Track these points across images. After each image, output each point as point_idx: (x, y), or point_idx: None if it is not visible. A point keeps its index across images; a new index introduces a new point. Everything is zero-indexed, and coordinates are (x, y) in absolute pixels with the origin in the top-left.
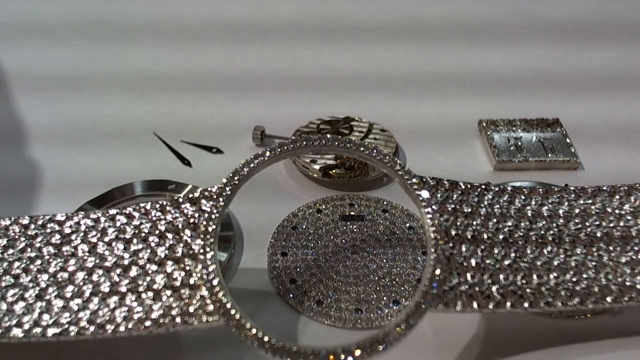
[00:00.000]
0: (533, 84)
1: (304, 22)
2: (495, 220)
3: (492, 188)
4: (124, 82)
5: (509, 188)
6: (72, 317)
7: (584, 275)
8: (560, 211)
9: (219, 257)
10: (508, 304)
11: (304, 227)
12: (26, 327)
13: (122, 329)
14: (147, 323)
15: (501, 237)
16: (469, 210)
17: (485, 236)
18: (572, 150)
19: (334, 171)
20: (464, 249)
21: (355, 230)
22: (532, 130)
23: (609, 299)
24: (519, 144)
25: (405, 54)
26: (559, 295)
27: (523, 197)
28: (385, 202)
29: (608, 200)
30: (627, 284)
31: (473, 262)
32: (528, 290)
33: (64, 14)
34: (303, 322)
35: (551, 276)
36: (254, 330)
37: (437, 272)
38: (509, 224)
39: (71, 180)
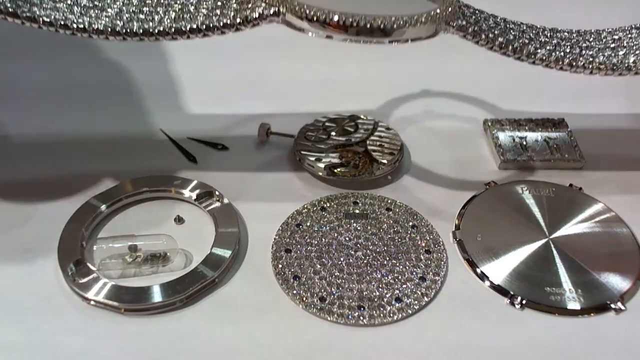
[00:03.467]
0: (538, 84)
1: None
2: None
3: None
4: (131, 80)
5: None
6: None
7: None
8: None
9: (223, 254)
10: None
11: (308, 224)
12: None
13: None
14: None
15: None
16: None
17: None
18: (577, 150)
19: (339, 170)
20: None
21: (359, 228)
22: (538, 130)
23: None
24: (524, 143)
25: (410, 52)
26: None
27: None
28: (389, 201)
29: None
30: None
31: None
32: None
33: None
34: (306, 318)
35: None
36: None
37: None
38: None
39: (76, 174)
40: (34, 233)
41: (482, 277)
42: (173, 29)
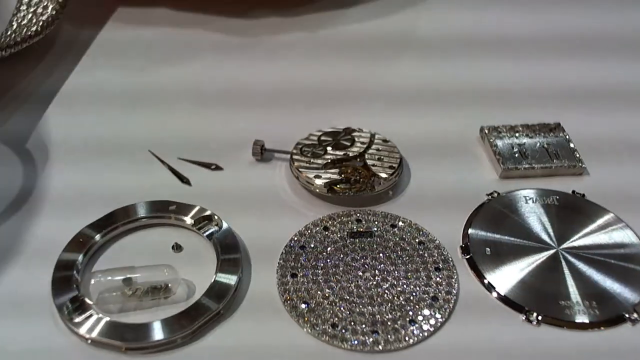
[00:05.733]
0: (534, 93)
1: (303, 33)
2: None
3: None
4: (118, 97)
5: None
6: None
7: None
8: None
9: (228, 280)
10: None
11: (312, 246)
12: None
13: None
14: None
15: None
16: None
17: None
18: (577, 156)
19: (338, 186)
20: None
21: (365, 247)
22: (535, 136)
23: None
24: (524, 150)
25: (405, 63)
26: None
27: None
28: (393, 217)
29: None
30: None
31: None
32: None
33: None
34: (318, 346)
35: None
36: None
37: None
38: None
39: (66, 200)
40: (25, 269)
41: (495, 292)
42: None
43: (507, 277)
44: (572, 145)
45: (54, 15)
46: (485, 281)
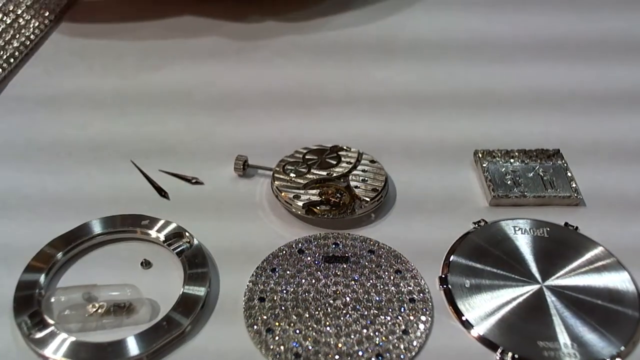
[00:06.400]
0: (532, 106)
1: (291, 43)
2: None
3: None
4: (103, 103)
5: None
6: None
7: None
8: None
9: (197, 291)
10: None
11: (284, 268)
12: None
13: None
14: None
15: None
16: None
17: None
18: (573, 186)
19: (318, 208)
20: None
21: (338, 273)
22: (531, 162)
23: None
24: (517, 177)
25: (399, 77)
26: None
27: None
28: (371, 242)
29: None
30: None
31: None
32: None
33: None
34: None
35: None
36: None
37: None
38: None
39: (37, 207)
40: None
41: (470, 328)
42: None
43: (485, 312)
44: (569, 174)
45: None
46: (463, 318)
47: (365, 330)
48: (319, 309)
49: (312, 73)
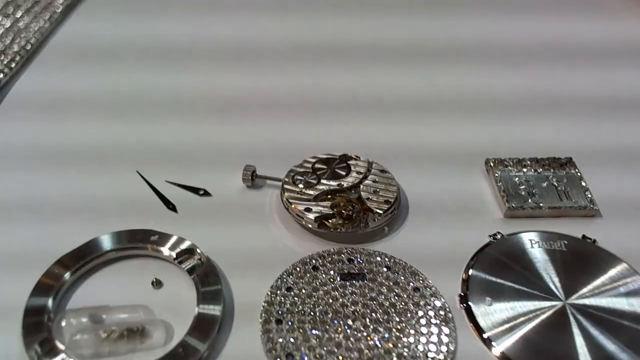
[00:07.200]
0: (542, 113)
1: (297, 49)
2: None
3: None
4: (107, 108)
5: None
6: None
7: None
8: None
9: (212, 311)
10: None
11: (300, 287)
12: None
13: None
14: None
15: None
16: None
17: None
18: (589, 196)
19: (330, 221)
20: None
21: (356, 291)
22: (544, 171)
23: None
24: (531, 187)
25: (408, 82)
26: None
27: None
28: (387, 258)
29: None
30: None
31: None
32: None
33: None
34: None
35: None
36: None
37: None
38: None
39: (41, 215)
40: None
41: (492, 346)
42: None
43: (507, 330)
44: (583, 183)
45: None
46: (485, 335)
47: (387, 355)
48: (339, 330)
49: (319, 79)
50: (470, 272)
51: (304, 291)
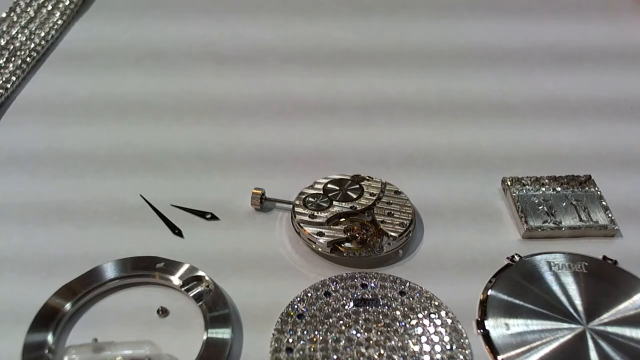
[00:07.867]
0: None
1: (307, 64)
2: None
3: None
4: (105, 121)
5: None
6: None
7: None
8: None
9: (221, 335)
10: None
11: (312, 314)
12: None
13: None
14: None
15: None
16: None
17: None
18: (609, 215)
19: (343, 246)
20: None
21: (369, 318)
22: (563, 190)
23: None
24: (549, 206)
25: (418, 93)
26: None
27: None
28: (402, 282)
29: None
30: None
31: None
32: None
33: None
34: None
35: None
36: None
37: None
38: None
39: (46, 254)
40: None
41: None
42: None
43: (524, 354)
44: (604, 202)
45: None
46: (499, 358)
47: None
48: (352, 359)
49: (326, 86)
50: (488, 296)
51: (315, 318)
